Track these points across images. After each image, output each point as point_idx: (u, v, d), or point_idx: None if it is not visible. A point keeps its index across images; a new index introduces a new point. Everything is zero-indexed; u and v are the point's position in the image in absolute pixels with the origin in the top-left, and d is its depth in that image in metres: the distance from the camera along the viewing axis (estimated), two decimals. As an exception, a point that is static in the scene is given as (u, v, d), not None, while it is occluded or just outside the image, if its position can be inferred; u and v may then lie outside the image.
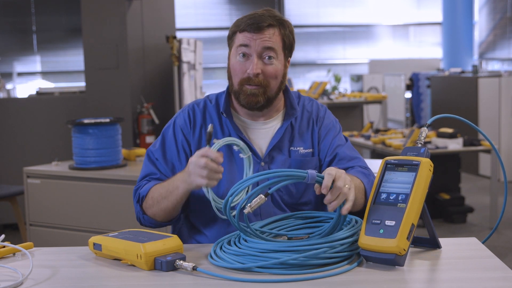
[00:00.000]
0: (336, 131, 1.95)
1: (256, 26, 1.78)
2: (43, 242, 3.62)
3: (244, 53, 1.80)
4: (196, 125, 1.89)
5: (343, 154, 1.89)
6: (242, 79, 1.81)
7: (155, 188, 1.80)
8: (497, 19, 10.96)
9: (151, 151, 1.91)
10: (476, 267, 1.45)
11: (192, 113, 1.90)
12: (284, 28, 1.83)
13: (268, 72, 1.80)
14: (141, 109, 4.84)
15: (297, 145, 1.89)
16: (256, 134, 1.89)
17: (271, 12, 1.83)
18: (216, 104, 1.92)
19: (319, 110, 1.97)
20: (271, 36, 1.79)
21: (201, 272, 1.45)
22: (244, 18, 1.82)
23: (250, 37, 1.78)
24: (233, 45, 1.84)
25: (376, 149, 5.79)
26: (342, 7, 11.72)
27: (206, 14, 11.06)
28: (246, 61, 1.80)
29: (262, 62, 1.80)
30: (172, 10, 5.49)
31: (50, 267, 1.55)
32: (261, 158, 1.85)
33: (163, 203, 1.76)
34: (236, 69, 1.82)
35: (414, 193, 1.47)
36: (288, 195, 1.85)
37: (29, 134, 5.29)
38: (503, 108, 7.31)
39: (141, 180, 1.89)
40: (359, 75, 9.70)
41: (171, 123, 1.92)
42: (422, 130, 1.62)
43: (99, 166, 3.61)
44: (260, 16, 1.80)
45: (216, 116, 1.90)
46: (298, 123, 1.92)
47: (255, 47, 1.78)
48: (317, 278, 1.40)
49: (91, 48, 4.89)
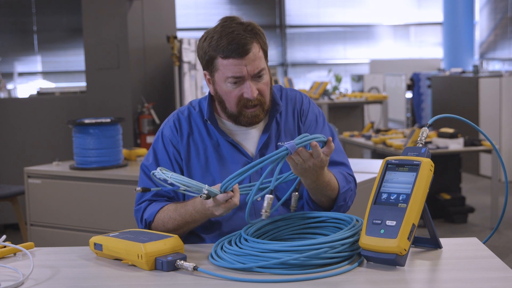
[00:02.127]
0: (320, 126, 1.92)
1: (242, 51, 1.71)
2: (43, 242, 3.62)
3: (236, 81, 1.75)
4: (183, 134, 1.88)
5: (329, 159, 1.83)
6: (239, 104, 1.78)
7: (165, 218, 1.78)
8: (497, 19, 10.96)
9: (146, 166, 1.89)
10: (477, 267, 1.45)
11: (178, 122, 1.89)
12: (260, 37, 1.77)
13: (263, 89, 1.79)
14: (142, 109, 4.84)
15: (284, 139, 1.88)
16: (243, 137, 1.88)
17: (240, 23, 1.76)
18: (199, 111, 1.90)
19: (303, 102, 1.94)
20: (256, 56, 1.74)
21: (201, 272, 1.45)
22: (222, 41, 1.72)
23: (239, 64, 1.72)
24: (216, 71, 1.77)
25: (377, 149, 5.79)
26: (343, 7, 11.72)
27: (207, 14, 11.06)
28: (239, 85, 1.76)
29: (256, 82, 1.77)
30: (173, 10, 5.49)
31: (51, 267, 1.55)
32: (251, 158, 1.85)
33: (180, 230, 1.77)
34: (230, 95, 1.78)
35: (415, 193, 1.47)
36: (281, 191, 1.83)
37: (30, 134, 5.29)
38: (504, 108, 7.30)
39: (139, 200, 1.87)
40: (360, 75, 9.70)
41: (159, 135, 1.91)
42: (423, 130, 1.61)
43: (100, 166, 3.61)
44: (240, 37, 1.72)
45: (201, 122, 1.89)
46: (284, 118, 1.91)
47: (246, 73, 1.74)
48: (318, 278, 1.40)
49: (92, 48, 4.89)
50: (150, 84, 5.05)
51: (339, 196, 1.79)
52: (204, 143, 1.86)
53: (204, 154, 1.85)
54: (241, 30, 1.73)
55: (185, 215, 1.74)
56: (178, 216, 1.75)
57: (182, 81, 5.12)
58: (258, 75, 1.76)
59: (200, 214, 1.71)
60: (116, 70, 4.84)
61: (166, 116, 2.05)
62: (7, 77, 9.00)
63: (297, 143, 1.54)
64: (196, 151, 1.86)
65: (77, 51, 9.50)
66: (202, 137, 1.87)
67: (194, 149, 1.86)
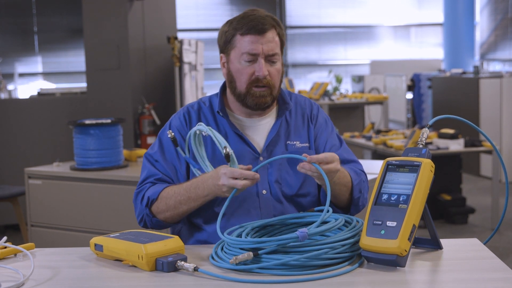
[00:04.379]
0: (329, 130, 1.98)
1: (260, 29, 1.80)
2: (44, 242, 3.62)
3: (250, 58, 1.82)
4: (192, 125, 1.90)
5: (340, 157, 1.89)
6: (250, 81, 1.83)
7: (169, 194, 1.80)
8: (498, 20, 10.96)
9: (150, 154, 1.91)
10: (478, 268, 1.45)
11: (188, 115, 1.93)
12: (280, 27, 1.87)
13: (274, 73, 1.85)
14: (142, 109, 4.84)
15: (293, 139, 1.92)
16: (252, 131, 1.92)
17: (264, 12, 1.86)
18: (210, 106, 1.95)
19: (312, 108, 2.00)
20: (273, 39, 1.83)
21: (202, 273, 1.45)
22: (243, 20, 1.83)
23: (256, 40, 1.81)
24: (233, 49, 1.85)
25: (377, 150, 5.79)
26: (343, 8, 11.71)
27: (207, 15, 11.05)
28: (252, 64, 1.83)
29: (268, 64, 1.84)
30: (173, 11, 5.50)
31: (51, 268, 1.55)
32: (259, 153, 1.88)
33: (182, 208, 1.78)
34: (242, 73, 1.84)
35: (415, 194, 1.47)
36: (287, 186, 1.87)
37: (31, 134, 5.29)
38: (504, 109, 7.30)
39: (142, 183, 1.89)
40: (360, 75, 9.69)
41: (167, 125, 1.95)
42: (423, 131, 1.61)
43: (100, 167, 3.61)
44: (259, 18, 1.82)
45: (211, 116, 1.93)
46: (294, 119, 1.95)
47: (261, 51, 1.81)
48: (318, 279, 1.40)
49: (92, 48, 4.89)
50: (151, 84, 5.05)
51: (354, 188, 1.84)
52: None
53: (211, 146, 1.87)
54: (263, 14, 1.84)
55: (190, 188, 1.76)
56: (183, 190, 1.77)
57: (182, 81, 5.12)
58: (272, 60, 1.84)
59: (204, 186, 1.72)
60: (116, 70, 4.84)
61: (166, 117, 2.07)
62: (8, 77, 9.00)
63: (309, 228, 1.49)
64: (204, 143, 1.87)
65: (77, 51, 9.49)
66: None
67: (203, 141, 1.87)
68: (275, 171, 1.86)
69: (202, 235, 1.86)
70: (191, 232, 1.90)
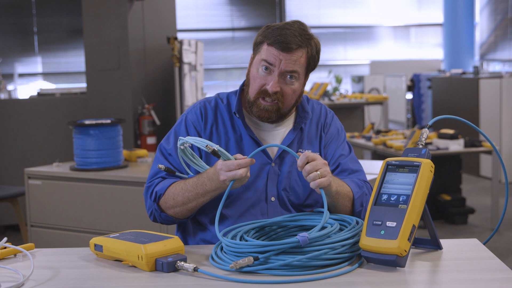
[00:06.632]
0: (340, 140, 1.97)
1: (285, 47, 1.76)
2: (44, 243, 3.62)
3: (267, 67, 1.79)
4: (208, 122, 1.89)
5: (345, 166, 1.91)
6: (259, 92, 1.81)
7: (176, 190, 1.79)
8: (498, 20, 10.96)
9: (164, 147, 1.90)
10: (477, 268, 1.45)
11: (204, 110, 1.91)
12: (311, 48, 1.81)
13: (287, 92, 1.81)
14: (142, 110, 4.84)
15: (306, 147, 1.91)
16: (267, 135, 1.90)
17: (302, 29, 1.80)
18: (227, 104, 1.92)
19: (327, 115, 1.99)
20: (297, 59, 1.78)
21: (202, 273, 1.45)
22: (275, 31, 1.78)
23: (277, 55, 1.77)
24: (258, 53, 1.83)
25: (377, 150, 5.79)
26: (343, 8, 11.72)
27: (207, 15, 11.06)
28: (267, 75, 1.79)
29: (283, 81, 1.79)
30: (173, 11, 5.50)
31: (51, 268, 1.55)
32: (271, 159, 1.87)
33: (191, 204, 1.77)
34: (256, 80, 1.81)
35: (415, 194, 1.47)
36: (295, 196, 1.86)
37: (30, 135, 5.29)
38: (504, 109, 7.30)
39: (153, 177, 1.88)
40: (360, 76, 9.70)
41: (183, 119, 1.92)
42: (423, 131, 1.61)
43: (100, 167, 3.61)
44: (290, 35, 1.76)
45: (227, 115, 1.90)
46: (308, 127, 1.94)
47: (279, 65, 1.77)
48: (318, 279, 1.40)
49: (92, 49, 4.89)
50: (151, 85, 5.05)
51: (355, 201, 1.82)
52: (227, 136, 1.87)
53: (225, 146, 1.87)
54: (297, 33, 1.79)
55: (197, 184, 1.75)
56: (190, 186, 1.76)
57: (182, 82, 5.12)
58: (289, 76, 1.79)
59: (211, 182, 1.71)
60: (116, 71, 4.84)
61: (166, 117, 2.06)
62: (8, 78, 9.00)
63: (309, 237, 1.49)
64: (218, 142, 1.87)
65: (77, 52, 9.50)
66: (226, 129, 1.89)
67: (216, 140, 1.87)
68: (285, 178, 1.85)
69: (207, 235, 1.86)
70: (196, 230, 1.89)
